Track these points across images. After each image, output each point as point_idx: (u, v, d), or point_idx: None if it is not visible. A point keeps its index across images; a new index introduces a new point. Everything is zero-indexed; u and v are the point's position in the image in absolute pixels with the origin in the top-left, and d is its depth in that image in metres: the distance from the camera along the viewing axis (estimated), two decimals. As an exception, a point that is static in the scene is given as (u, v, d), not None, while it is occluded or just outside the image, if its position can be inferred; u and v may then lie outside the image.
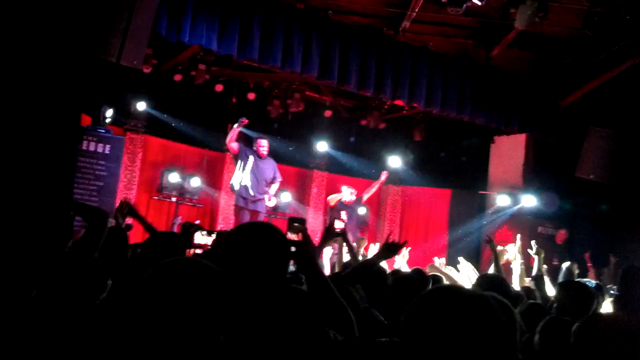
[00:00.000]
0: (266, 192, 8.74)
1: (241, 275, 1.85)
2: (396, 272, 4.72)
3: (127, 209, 4.22)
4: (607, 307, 3.99)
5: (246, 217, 8.58)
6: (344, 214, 9.51)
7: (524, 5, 6.67)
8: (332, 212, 9.78)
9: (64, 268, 2.93)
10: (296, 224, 2.65)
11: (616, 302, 3.79)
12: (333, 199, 9.81)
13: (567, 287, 3.59)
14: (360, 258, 5.31)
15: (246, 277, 1.86)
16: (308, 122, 11.34)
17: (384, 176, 10.25)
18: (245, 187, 8.58)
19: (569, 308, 3.11)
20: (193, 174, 10.12)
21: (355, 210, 9.97)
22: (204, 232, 3.91)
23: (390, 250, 3.45)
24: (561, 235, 10.21)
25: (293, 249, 2.38)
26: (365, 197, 10.30)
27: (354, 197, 9.93)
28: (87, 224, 3.36)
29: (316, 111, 11.31)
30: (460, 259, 6.25)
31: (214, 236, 4.00)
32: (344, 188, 9.82)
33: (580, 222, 10.32)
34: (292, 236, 2.57)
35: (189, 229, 3.77)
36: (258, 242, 1.94)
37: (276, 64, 7.76)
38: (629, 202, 9.46)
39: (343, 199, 9.74)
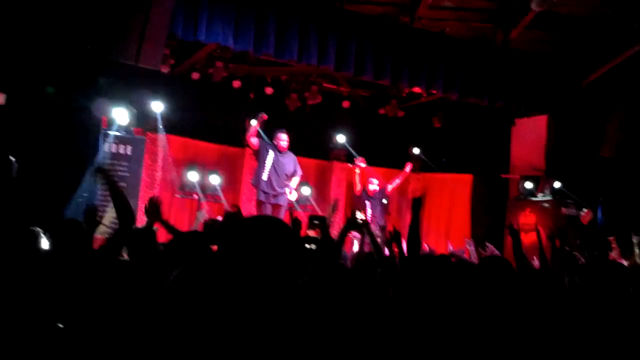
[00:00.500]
0: (287, 186, 8.75)
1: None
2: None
3: (152, 209, 4.08)
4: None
5: (268, 212, 8.59)
6: (368, 205, 9.51)
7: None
8: (356, 201, 9.79)
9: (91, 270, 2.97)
10: (316, 222, 2.68)
11: None
12: (356, 183, 9.83)
13: None
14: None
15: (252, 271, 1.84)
16: (326, 113, 11.31)
17: (408, 168, 10.22)
18: (267, 181, 8.59)
19: None
20: (213, 171, 10.16)
21: (379, 201, 9.96)
22: None
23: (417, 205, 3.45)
24: (586, 215, 10.10)
25: (313, 246, 2.41)
26: (390, 187, 10.27)
27: (377, 187, 9.91)
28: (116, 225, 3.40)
29: (334, 102, 11.29)
30: (487, 243, 6.23)
31: None
32: (357, 167, 9.79)
33: (605, 202, 10.18)
34: (311, 233, 2.60)
35: (212, 226, 3.78)
36: (264, 236, 1.92)
37: (292, 57, 7.77)
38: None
39: (368, 186, 9.75)
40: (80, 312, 2.62)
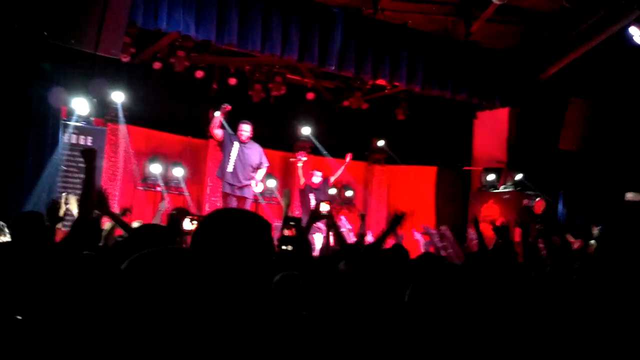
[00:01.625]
0: (252, 178, 8.69)
1: (218, 266, 1.79)
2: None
3: (100, 202, 3.90)
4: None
5: (233, 204, 8.54)
6: (312, 197, 9.49)
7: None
8: (301, 195, 9.76)
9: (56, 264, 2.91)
10: (291, 222, 2.71)
11: None
12: (300, 176, 9.82)
13: None
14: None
15: (223, 268, 1.79)
16: (291, 105, 11.29)
17: (348, 158, 10.25)
18: (232, 173, 8.53)
19: None
20: (177, 162, 10.06)
21: (323, 193, 9.94)
22: (193, 219, 3.84)
23: (395, 221, 3.50)
24: (539, 205, 10.26)
25: (290, 247, 2.41)
26: (332, 179, 10.28)
27: (320, 179, 9.90)
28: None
29: (298, 94, 11.27)
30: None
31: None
32: (299, 160, 9.77)
33: (565, 193, 10.37)
34: (286, 232, 2.61)
35: (177, 216, 3.73)
36: (233, 229, 1.86)
37: (255, 47, 7.71)
38: (610, 171, 9.54)
39: (312, 179, 9.74)
40: (42, 304, 2.57)
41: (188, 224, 3.82)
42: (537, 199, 10.12)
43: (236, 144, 8.56)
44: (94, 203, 3.42)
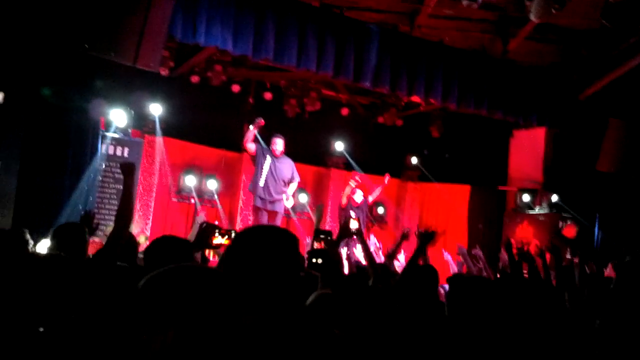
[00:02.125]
0: (284, 192, 8.72)
1: (250, 281, 1.79)
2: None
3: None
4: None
5: (264, 218, 8.57)
6: (354, 215, 9.48)
7: (539, -3, 6.59)
8: (341, 213, 9.75)
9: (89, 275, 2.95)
10: (322, 235, 2.70)
11: None
12: (344, 195, 9.79)
13: None
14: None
15: (255, 283, 1.79)
16: (325, 120, 11.33)
17: (386, 179, 10.16)
18: (263, 187, 8.58)
19: None
20: (211, 175, 10.16)
21: (362, 211, 9.91)
22: (222, 233, 3.85)
23: (426, 238, 3.48)
24: (569, 229, 10.03)
25: (319, 260, 2.41)
26: (371, 199, 10.22)
27: (362, 199, 9.88)
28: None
29: (333, 109, 11.31)
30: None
31: (232, 235, 3.94)
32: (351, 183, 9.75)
33: (602, 217, 10.13)
34: (316, 245, 2.60)
35: (207, 230, 3.75)
36: (268, 247, 1.86)
37: (291, 62, 7.76)
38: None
39: (354, 197, 9.70)
40: (73, 316, 2.61)
41: (218, 239, 3.83)
42: (568, 223, 9.90)
43: (269, 158, 8.61)
44: (132, 217, 3.47)
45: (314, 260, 2.44)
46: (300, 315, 1.83)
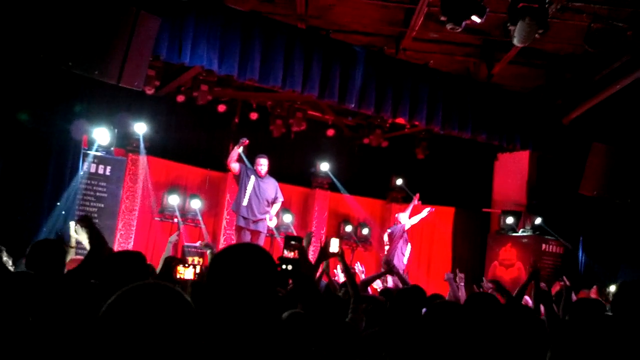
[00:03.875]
0: (267, 212, 8.69)
1: (227, 301, 1.78)
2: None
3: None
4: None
5: (247, 238, 8.52)
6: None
7: (522, 23, 6.65)
8: (401, 236, 9.64)
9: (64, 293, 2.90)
10: (293, 242, 2.63)
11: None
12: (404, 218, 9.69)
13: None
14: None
15: (233, 303, 1.79)
16: (311, 141, 11.35)
17: (416, 200, 9.93)
18: (247, 207, 8.54)
19: None
20: (195, 194, 10.10)
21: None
22: (186, 265, 3.74)
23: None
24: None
25: (290, 267, 2.36)
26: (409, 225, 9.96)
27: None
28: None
29: (319, 130, 11.33)
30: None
31: (197, 269, 3.80)
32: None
33: (585, 239, 10.17)
34: (288, 254, 2.55)
35: (171, 263, 3.69)
36: (244, 265, 1.86)
37: (277, 83, 7.77)
38: (633, 218, 9.36)
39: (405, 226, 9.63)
40: (47, 331, 2.56)
41: (182, 272, 3.74)
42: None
43: (252, 178, 8.59)
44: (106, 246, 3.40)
45: (284, 266, 2.39)
46: (274, 334, 1.82)
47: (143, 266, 3.33)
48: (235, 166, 8.59)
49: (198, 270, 3.72)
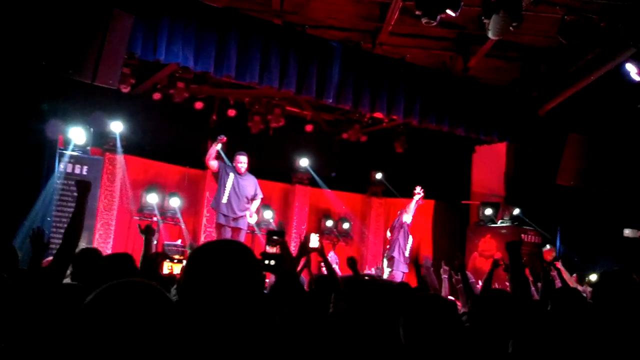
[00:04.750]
0: (247, 209, 8.67)
1: (208, 298, 1.77)
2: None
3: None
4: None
5: (227, 235, 8.49)
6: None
7: (497, 16, 6.69)
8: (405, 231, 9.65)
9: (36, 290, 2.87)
10: (275, 237, 2.61)
11: None
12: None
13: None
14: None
15: (213, 299, 1.77)
16: (289, 137, 11.34)
17: (421, 200, 9.88)
18: (226, 204, 8.51)
19: None
20: (174, 193, 10.04)
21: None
22: (174, 261, 3.75)
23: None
24: (549, 253, 10.12)
25: (272, 262, 2.35)
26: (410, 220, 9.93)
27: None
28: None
29: (297, 126, 11.31)
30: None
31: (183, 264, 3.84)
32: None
33: (563, 229, 10.28)
34: (270, 249, 2.54)
35: (156, 259, 3.66)
36: (224, 261, 1.84)
37: (254, 80, 7.75)
38: (610, 208, 9.49)
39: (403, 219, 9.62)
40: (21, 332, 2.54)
41: (167, 269, 3.73)
42: (548, 247, 9.90)
43: (231, 175, 8.55)
44: (81, 235, 3.36)
45: (266, 262, 2.37)
46: (259, 331, 1.81)
47: (132, 268, 3.31)
48: (213, 164, 8.56)
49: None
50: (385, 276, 8.59)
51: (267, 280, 5.62)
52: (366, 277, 5.45)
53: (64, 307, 2.79)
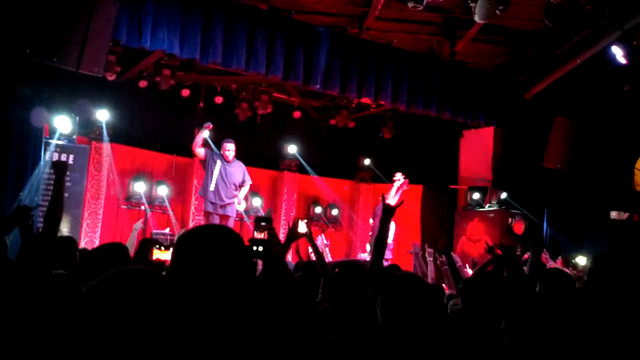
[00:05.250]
0: (235, 196, 8.65)
1: (196, 282, 1.77)
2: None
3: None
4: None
5: (216, 222, 8.45)
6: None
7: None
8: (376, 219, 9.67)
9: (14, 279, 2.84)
10: (263, 223, 2.61)
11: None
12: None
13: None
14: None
15: (202, 283, 1.78)
16: (277, 123, 11.31)
17: (405, 185, 9.90)
18: (214, 192, 8.49)
19: None
20: (161, 181, 10.00)
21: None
22: (162, 247, 3.73)
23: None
24: (518, 225, 10.25)
25: (260, 248, 2.35)
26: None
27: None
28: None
29: (285, 112, 11.28)
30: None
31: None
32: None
33: (550, 212, 10.36)
34: (258, 235, 2.54)
35: (145, 245, 3.64)
36: (211, 245, 1.84)
37: (240, 66, 7.69)
38: (596, 190, 9.57)
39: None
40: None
41: (158, 254, 3.72)
42: (517, 219, 10.09)
43: (219, 163, 8.53)
44: (61, 218, 3.31)
45: (254, 248, 2.37)
46: (247, 315, 1.82)
47: (126, 258, 3.29)
48: (200, 151, 8.52)
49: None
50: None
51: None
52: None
53: (57, 296, 2.77)
